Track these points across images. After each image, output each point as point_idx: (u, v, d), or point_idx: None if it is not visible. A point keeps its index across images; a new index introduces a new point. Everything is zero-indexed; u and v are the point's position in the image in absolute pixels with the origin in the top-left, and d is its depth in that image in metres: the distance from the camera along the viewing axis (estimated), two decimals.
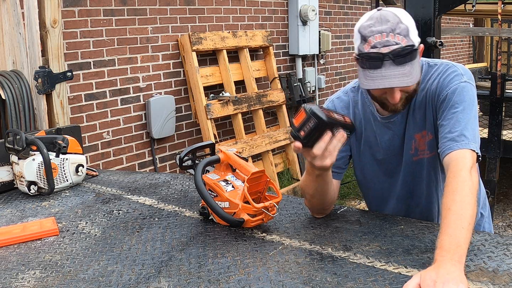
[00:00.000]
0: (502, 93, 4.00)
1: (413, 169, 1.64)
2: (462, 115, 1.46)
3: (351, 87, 1.72)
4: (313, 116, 1.31)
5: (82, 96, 3.80)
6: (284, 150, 5.36)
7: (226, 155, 1.67)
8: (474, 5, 4.65)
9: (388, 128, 1.64)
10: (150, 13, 4.23)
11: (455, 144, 1.42)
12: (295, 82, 5.45)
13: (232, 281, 1.26)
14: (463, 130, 1.44)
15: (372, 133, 1.67)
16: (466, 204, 1.30)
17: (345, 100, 1.70)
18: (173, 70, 4.47)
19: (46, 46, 2.60)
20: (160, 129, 4.28)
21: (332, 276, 1.25)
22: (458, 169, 1.37)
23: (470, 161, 1.40)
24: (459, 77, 1.52)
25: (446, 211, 1.30)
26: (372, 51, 1.43)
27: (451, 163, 1.41)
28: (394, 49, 1.41)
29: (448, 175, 1.39)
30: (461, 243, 1.22)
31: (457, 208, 1.29)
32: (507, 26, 7.86)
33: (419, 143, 1.60)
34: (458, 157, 1.41)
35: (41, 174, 2.02)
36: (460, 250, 1.20)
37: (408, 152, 1.63)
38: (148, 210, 1.82)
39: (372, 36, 1.43)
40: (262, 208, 1.54)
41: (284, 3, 5.59)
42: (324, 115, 1.32)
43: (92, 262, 1.41)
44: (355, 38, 1.50)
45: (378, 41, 1.42)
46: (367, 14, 1.50)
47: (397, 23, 1.42)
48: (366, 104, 1.67)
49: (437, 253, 1.21)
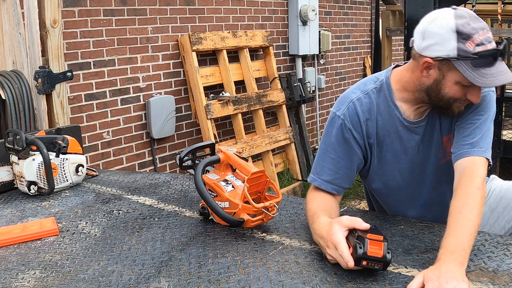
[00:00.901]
0: (502, 93, 4.00)
1: (442, 173, 1.61)
2: (484, 124, 1.49)
3: (372, 88, 1.61)
4: (386, 264, 1.23)
5: (82, 96, 3.80)
6: (284, 150, 5.36)
7: (226, 155, 1.67)
8: (474, 5, 4.65)
9: (415, 133, 1.59)
10: (150, 13, 4.23)
11: (474, 150, 1.44)
12: (295, 82, 5.44)
13: (232, 281, 1.26)
14: (482, 138, 1.46)
15: (397, 139, 1.60)
16: (477, 210, 1.32)
17: (366, 103, 1.60)
18: (173, 70, 4.47)
19: (46, 46, 2.60)
20: (160, 129, 4.27)
21: (332, 276, 1.25)
22: (474, 175, 1.39)
23: (484, 171, 1.42)
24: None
25: (457, 213, 1.31)
26: (490, 48, 1.40)
27: (467, 167, 1.42)
28: (504, 45, 1.40)
29: (462, 178, 1.39)
30: (466, 247, 1.23)
31: (468, 213, 1.30)
32: (507, 26, 7.85)
33: (446, 145, 1.58)
34: (475, 163, 1.42)
35: (41, 174, 2.02)
36: (464, 254, 1.22)
37: (437, 156, 1.60)
38: (148, 210, 1.82)
39: (476, 34, 1.40)
40: (262, 208, 1.54)
41: (284, 3, 5.59)
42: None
43: (92, 262, 1.41)
44: (442, 39, 1.42)
45: (483, 37, 1.40)
46: (444, 13, 1.45)
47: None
48: (391, 108, 1.59)
49: (442, 252, 1.22)
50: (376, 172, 1.66)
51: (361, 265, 1.22)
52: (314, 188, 1.63)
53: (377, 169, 1.65)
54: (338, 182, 1.60)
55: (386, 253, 1.21)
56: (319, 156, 1.64)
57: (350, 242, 1.26)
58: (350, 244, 1.26)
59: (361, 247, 1.21)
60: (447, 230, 1.28)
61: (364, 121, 1.59)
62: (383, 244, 1.22)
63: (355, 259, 1.22)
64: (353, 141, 1.59)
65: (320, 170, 1.62)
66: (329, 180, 1.59)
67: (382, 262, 1.21)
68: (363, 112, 1.59)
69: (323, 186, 1.60)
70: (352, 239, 1.26)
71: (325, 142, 1.63)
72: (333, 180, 1.59)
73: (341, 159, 1.60)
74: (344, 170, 1.60)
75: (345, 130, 1.59)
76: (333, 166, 1.60)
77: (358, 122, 1.59)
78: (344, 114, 1.60)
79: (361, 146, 1.61)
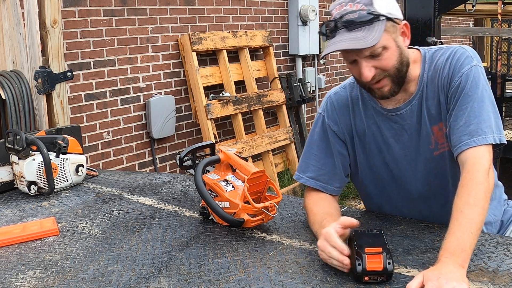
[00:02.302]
0: (502, 93, 4.00)
1: (435, 166, 1.53)
2: (477, 104, 1.39)
3: (350, 82, 1.63)
4: (389, 275, 1.21)
5: (82, 96, 3.80)
6: (284, 150, 5.36)
7: (226, 155, 1.67)
8: (474, 5, 4.65)
9: (393, 121, 1.54)
10: (150, 13, 4.23)
11: (472, 140, 1.36)
12: (295, 82, 5.44)
13: (232, 281, 1.26)
14: (479, 122, 1.37)
15: (377, 129, 1.56)
16: (479, 208, 1.28)
17: (343, 97, 1.61)
18: (173, 70, 4.47)
19: (46, 46, 2.60)
20: (160, 129, 4.28)
21: (332, 276, 1.25)
22: (475, 170, 1.33)
23: (488, 161, 1.35)
24: (469, 60, 1.43)
25: (458, 213, 1.28)
26: (327, 22, 1.42)
27: (467, 161, 1.35)
28: (345, 15, 1.38)
29: (464, 175, 1.34)
30: (467, 247, 1.21)
31: (469, 212, 1.26)
32: (507, 26, 7.85)
33: (438, 136, 1.49)
34: (475, 155, 1.35)
35: (41, 174, 2.02)
36: (464, 255, 1.20)
37: (428, 147, 1.52)
38: (148, 210, 1.82)
39: (333, 9, 1.42)
40: (262, 208, 1.54)
41: (284, 3, 5.59)
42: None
43: (92, 262, 1.41)
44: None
45: (337, 12, 1.40)
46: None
47: None
48: (366, 99, 1.57)
49: (442, 254, 1.21)
50: (365, 165, 1.63)
51: (364, 281, 1.20)
52: (307, 189, 1.65)
53: (365, 162, 1.62)
54: (324, 178, 1.60)
55: (387, 265, 1.19)
56: (303, 154, 1.67)
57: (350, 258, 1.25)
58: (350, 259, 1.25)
59: (360, 263, 1.19)
60: (448, 230, 1.26)
61: (342, 114, 1.60)
62: (382, 256, 1.19)
63: (355, 277, 1.21)
64: (333, 135, 1.60)
65: (305, 168, 1.63)
66: (313, 176, 1.61)
67: (384, 274, 1.20)
68: (340, 105, 1.61)
69: (309, 183, 1.61)
70: (351, 255, 1.24)
71: (309, 140, 1.66)
72: (318, 177, 1.60)
73: (325, 155, 1.61)
74: (329, 166, 1.60)
75: (326, 126, 1.61)
76: (317, 163, 1.61)
77: (336, 115, 1.61)
78: (324, 109, 1.64)
79: (343, 140, 1.61)
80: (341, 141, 1.61)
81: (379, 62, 1.40)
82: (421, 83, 1.50)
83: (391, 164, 1.58)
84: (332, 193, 1.61)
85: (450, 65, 1.45)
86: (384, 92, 1.45)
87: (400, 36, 1.44)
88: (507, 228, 1.66)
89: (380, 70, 1.41)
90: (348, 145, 1.62)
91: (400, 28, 1.44)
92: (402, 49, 1.43)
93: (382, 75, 1.42)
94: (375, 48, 1.37)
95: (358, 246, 1.22)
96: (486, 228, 1.60)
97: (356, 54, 1.40)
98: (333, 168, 1.61)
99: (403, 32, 1.45)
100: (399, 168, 1.57)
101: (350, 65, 1.46)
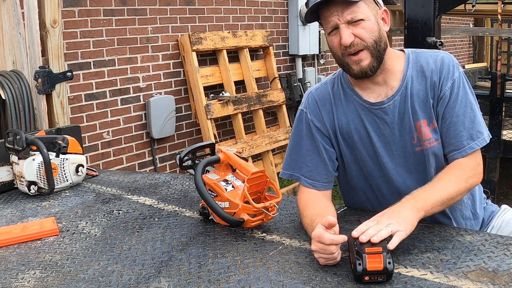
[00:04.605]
0: (502, 93, 3.99)
1: (417, 161, 1.54)
2: (460, 113, 1.49)
3: (330, 78, 1.66)
4: (389, 275, 1.21)
5: (82, 96, 3.80)
6: (284, 150, 5.36)
7: (226, 155, 1.67)
8: (474, 5, 4.64)
9: (376, 115, 1.55)
10: (150, 13, 4.23)
11: (459, 152, 1.49)
12: (295, 82, 5.44)
13: (232, 281, 1.26)
14: (464, 130, 1.49)
15: (360, 123, 1.57)
16: (457, 186, 1.41)
17: (325, 92, 1.63)
18: (173, 70, 4.47)
19: (46, 46, 2.60)
20: (160, 129, 4.27)
21: (332, 276, 1.25)
22: (465, 165, 1.48)
23: (473, 163, 1.49)
24: (457, 67, 1.53)
25: (437, 179, 1.42)
26: None
27: (468, 161, 1.49)
28: None
29: (454, 164, 1.49)
30: (429, 201, 1.33)
31: (447, 184, 1.40)
32: (507, 26, 7.85)
33: (420, 132, 1.52)
34: (466, 161, 1.49)
35: (41, 174, 2.02)
36: (423, 203, 1.31)
37: (411, 142, 1.53)
38: (148, 210, 1.82)
39: None
40: (262, 208, 1.54)
41: (284, 3, 5.59)
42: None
43: (92, 262, 1.41)
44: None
45: None
46: None
47: None
48: (348, 93, 1.58)
49: (404, 197, 1.33)
50: (350, 159, 1.62)
51: (364, 281, 1.20)
52: (299, 187, 1.66)
53: (350, 156, 1.62)
54: (310, 175, 1.61)
55: (387, 264, 1.19)
56: (289, 151, 1.68)
57: (350, 258, 1.26)
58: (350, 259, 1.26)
59: (360, 263, 1.19)
60: (420, 188, 1.38)
61: (325, 109, 1.61)
62: (382, 256, 1.19)
63: (356, 277, 1.21)
64: (317, 131, 1.61)
65: (294, 165, 1.65)
66: (302, 173, 1.62)
67: (384, 274, 1.20)
68: (322, 100, 1.62)
69: (297, 180, 1.64)
70: (351, 254, 1.25)
71: (293, 138, 1.67)
72: (305, 173, 1.61)
73: (309, 151, 1.62)
74: (315, 162, 1.61)
75: (309, 122, 1.63)
76: (303, 159, 1.62)
77: (319, 111, 1.62)
78: (305, 106, 1.65)
79: (327, 135, 1.62)
80: (325, 136, 1.62)
81: (358, 30, 1.45)
82: (404, 79, 1.54)
83: (373, 157, 1.59)
84: (321, 189, 1.61)
85: (437, 69, 1.53)
86: (363, 66, 1.48)
87: (381, 20, 1.51)
88: (487, 225, 1.70)
89: (359, 40, 1.45)
90: (332, 140, 1.62)
91: (381, 13, 1.51)
92: (381, 28, 1.50)
93: (361, 45, 1.46)
94: (356, 13, 1.43)
95: (358, 246, 1.22)
96: (472, 222, 1.66)
97: (338, 17, 1.44)
98: (319, 163, 1.61)
99: (383, 18, 1.52)
100: (383, 161, 1.58)
101: (330, 37, 1.50)
